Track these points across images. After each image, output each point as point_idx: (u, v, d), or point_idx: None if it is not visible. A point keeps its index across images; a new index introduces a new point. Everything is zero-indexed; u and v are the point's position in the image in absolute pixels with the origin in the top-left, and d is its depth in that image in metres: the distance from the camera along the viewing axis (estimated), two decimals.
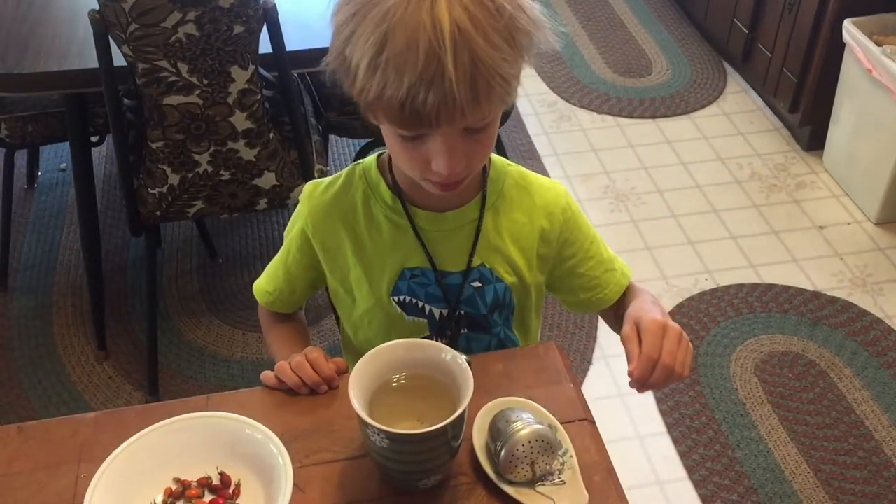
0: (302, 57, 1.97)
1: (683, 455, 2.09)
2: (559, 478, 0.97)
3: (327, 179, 1.18)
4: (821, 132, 2.96)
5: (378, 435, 0.90)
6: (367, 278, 1.16)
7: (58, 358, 2.37)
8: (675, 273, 2.59)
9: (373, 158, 1.15)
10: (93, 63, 1.85)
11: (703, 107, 3.30)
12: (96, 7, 1.76)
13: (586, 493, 0.96)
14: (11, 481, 1.00)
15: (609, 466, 1.00)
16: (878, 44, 2.58)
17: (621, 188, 2.91)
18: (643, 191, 2.90)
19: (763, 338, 2.38)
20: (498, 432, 0.97)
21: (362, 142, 2.52)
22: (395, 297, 1.16)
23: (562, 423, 1.02)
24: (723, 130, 3.18)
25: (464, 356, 0.96)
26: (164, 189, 2.01)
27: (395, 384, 0.98)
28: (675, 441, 2.12)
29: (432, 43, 0.88)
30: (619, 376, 2.25)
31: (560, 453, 0.99)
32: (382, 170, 1.14)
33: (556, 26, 0.98)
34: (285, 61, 1.91)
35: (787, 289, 2.52)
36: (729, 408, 2.19)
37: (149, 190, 2.01)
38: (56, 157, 3.02)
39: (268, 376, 1.10)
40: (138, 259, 2.64)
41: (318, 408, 1.07)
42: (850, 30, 2.64)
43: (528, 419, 0.97)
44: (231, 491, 0.97)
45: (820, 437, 2.13)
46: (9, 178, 2.55)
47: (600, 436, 1.04)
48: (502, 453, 0.95)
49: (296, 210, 1.20)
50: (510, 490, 0.96)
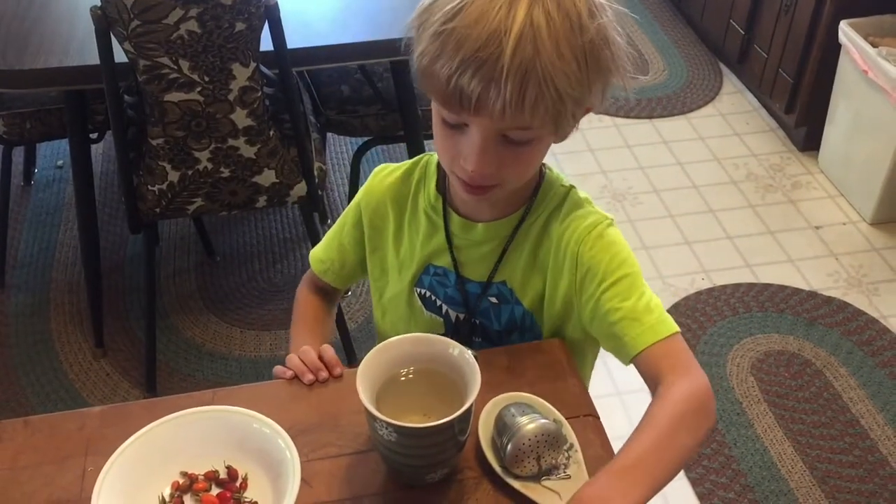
0: (302, 55, 1.98)
1: None
2: (565, 472, 0.98)
3: (396, 165, 1.18)
4: (816, 133, 2.98)
5: (386, 429, 0.91)
6: (398, 263, 1.17)
7: (55, 355, 2.36)
8: (672, 273, 2.60)
9: None
10: (93, 59, 1.85)
11: (699, 107, 3.31)
12: (98, 3, 1.76)
13: None
14: (18, 475, 1.00)
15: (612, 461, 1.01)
16: (873, 45, 2.60)
17: (618, 188, 2.92)
18: (640, 191, 2.91)
19: (759, 337, 2.39)
20: (504, 427, 0.98)
21: (360, 140, 2.52)
22: (418, 290, 1.17)
23: (567, 419, 1.03)
24: (719, 131, 3.19)
25: (470, 351, 0.97)
26: (164, 186, 2.01)
27: (402, 378, 0.99)
28: None
29: (500, 27, 0.87)
30: (617, 375, 2.26)
31: (565, 448, 0.99)
32: (440, 167, 1.14)
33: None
34: (286, 59, 1.91)
35: (783, 288, 2.54)
36: (725, 406, 2.20)
37: (148, 187, 2.01)
38: (53, 154, 3.02)
39: (278, 368, 1.12)
40: (136, 256, 2.64)
41: (324, 402, 1.07)
42: (846, 31, 2.66)
43: (534, 414, 0.98)
44: (238, 485, 0.98)
45: (816, 435, 2.14)
46: (6, 174, 2.54)
47: (604, 431, 1.05)
48: (508, 448, 0.95)
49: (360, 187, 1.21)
50: (516, 484, 0.96)
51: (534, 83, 0.88)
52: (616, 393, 2.23)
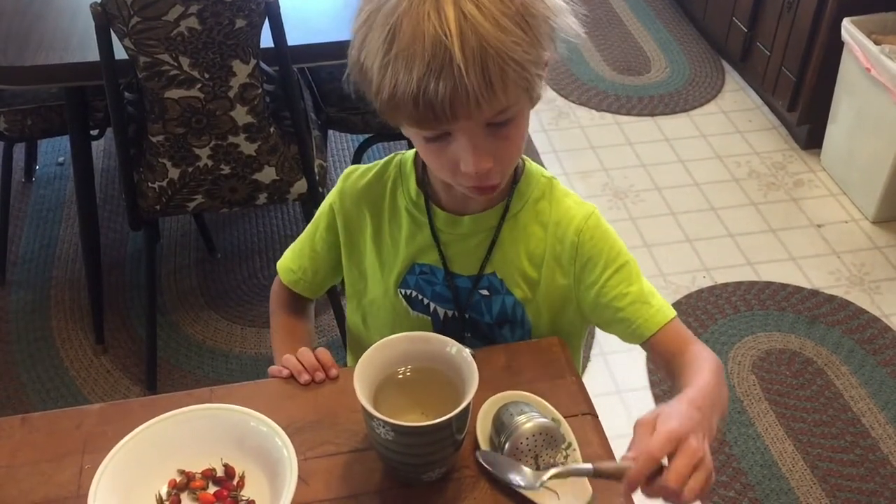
0: (303, 52, 1.98)
1: None
2: None
3: (367, 166, 1.18)
4: (819, 131, 2.97)
5: (383, 427, 0.91)
6: (379, 265, 1.16)
7: (56, 352, 2.37)
8: (674, 270, 2.60)
9: (412, 152, 1.15)
10: (94, 56, 1.85)
11: (701, 105, 3.30)
12: (98, 0, 1.75)
13: (590, 486, 0.96)
14: (15, 472, 1.00)
15: (612, 460, 1.01)
16: (876, 43, 2.59)
17: (620, 186, 2.92)
18: (641, 188, 2.91)
19: (760, 335, 2.39)
20: (502, 425, 0.98)
21: (361, 137, 2.52)
22: (402, 290, 1.16)
23: (565, 417, 1.03)
24: (721, 128, 3.19)
25: (468, 350, 0.97)
26: (164, 183, 2.01)
27: (399, 376, 0.99)
28: None
29: (437, 31, 0.87)
30: (617, 373, 2.26)
31: (563, 447, 0.99)
32: (417, 164, 1.14)
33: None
34: (286, 56, 1.91)
35: (784, 286, 2.53)
36: None
37: (149, 184, 2.01)
38: (54, 150, 3.02)
39: (274, 368, 1.11)
40: (136, 253, 2.64)
41: (321, 401, 1.07)
42: (849, 29, 2.65)
43: (532, 413, 0.97)
44: (235, 483, 0.98)
45: (817, 434, 2.14)
46: (7, 171, 2.54)
47: (603, 430, 1.05)
48: (506, 446, 0.95)
49: (330, 191, 1.20)
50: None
51: (493, 65, 0.89)
52: (616, 391, 2.22)
